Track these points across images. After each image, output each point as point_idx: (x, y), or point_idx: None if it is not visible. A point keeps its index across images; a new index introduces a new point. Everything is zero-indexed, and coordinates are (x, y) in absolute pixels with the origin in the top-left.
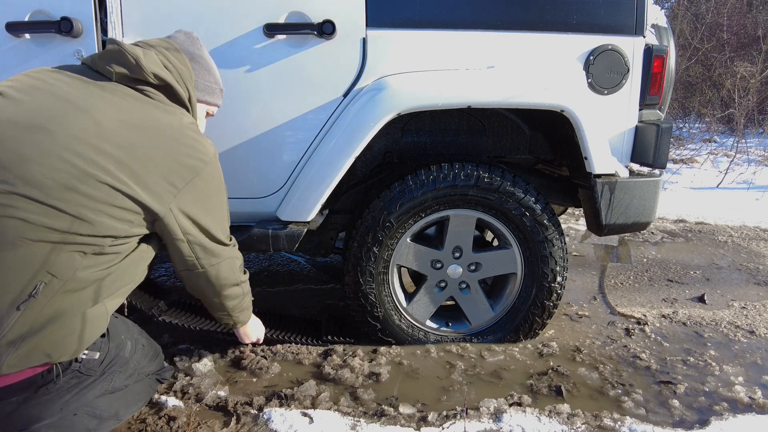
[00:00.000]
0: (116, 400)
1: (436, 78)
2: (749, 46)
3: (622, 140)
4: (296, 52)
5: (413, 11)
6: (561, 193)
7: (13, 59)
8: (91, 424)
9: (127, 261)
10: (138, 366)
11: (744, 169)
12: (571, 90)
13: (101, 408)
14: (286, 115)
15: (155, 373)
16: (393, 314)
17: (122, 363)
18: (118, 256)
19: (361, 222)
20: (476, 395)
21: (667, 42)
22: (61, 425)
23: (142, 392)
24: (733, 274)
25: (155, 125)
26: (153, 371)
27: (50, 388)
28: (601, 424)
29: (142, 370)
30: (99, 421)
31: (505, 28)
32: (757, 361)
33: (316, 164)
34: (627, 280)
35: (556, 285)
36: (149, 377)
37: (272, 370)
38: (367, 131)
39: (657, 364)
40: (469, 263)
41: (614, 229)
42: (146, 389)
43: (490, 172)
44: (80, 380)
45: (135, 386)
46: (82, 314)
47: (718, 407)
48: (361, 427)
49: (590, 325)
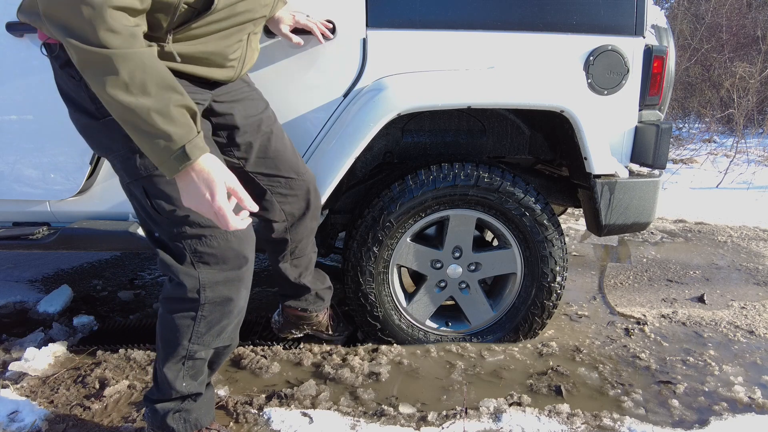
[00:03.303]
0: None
1: (436, 78)
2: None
3: (622, 140)
4: (296, 52)
5: (413, 11)
6: (561, 193)
7: (13, 59)
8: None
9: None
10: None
11: (743, 169)
12: (571, 90)
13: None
14: (286, 115)
15: None
16: (393, 314)
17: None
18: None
19: (361, 222)
20: (476, 395)
21: (667, 42)
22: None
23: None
24: (732, 274)
25: None
26: None
27: None
28: (600, 423)
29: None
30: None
31: (505, 28)
32: (756, 361)
33: (317, 164)
34: (626, 280)
35: (556, 285)
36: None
37: (272, 369)
38: (367, 131)
39: (656, 364)
40: (468, 263)
41: (614, 229)
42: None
43: (490, 172)
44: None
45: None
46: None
47: (718, 407)
48: (360, 426)
49: (590, 324)
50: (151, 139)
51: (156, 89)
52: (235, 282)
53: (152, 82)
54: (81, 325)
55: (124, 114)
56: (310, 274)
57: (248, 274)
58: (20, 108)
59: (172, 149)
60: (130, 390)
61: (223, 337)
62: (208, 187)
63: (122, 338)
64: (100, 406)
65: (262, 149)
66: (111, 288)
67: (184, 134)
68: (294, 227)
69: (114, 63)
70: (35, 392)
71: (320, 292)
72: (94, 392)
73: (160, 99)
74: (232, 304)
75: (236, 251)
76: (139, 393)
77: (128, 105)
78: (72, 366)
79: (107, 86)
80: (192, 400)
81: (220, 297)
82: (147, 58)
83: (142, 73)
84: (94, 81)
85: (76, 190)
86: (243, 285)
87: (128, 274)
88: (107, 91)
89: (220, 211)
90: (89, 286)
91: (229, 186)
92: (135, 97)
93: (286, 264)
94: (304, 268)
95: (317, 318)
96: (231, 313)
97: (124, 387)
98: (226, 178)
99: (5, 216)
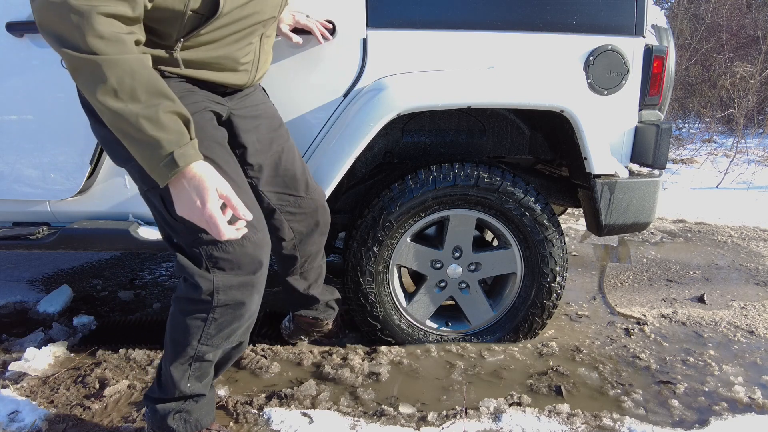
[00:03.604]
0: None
1: (436, 78)
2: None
3: (622, 140)
4: (296, 52)
5: (413, 11)
6: (561, 193)
7: (14, 59)
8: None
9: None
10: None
11: (743, 170)
12: (570, 90)
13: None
14: (286, 115)
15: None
16: (393, 314)
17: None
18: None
19: (361, 222)
20: (476, 395)
21: (667, 42)
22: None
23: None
24: (732, 274)
25: None
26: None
27: None
28: (600, 424)
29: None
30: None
31: (505, 28)
32: (756, 361)
33: (317, 164)
34: (626, 280)
35: (556, 285)
36: None
37: (272, 369)
38: (367, 131)
39: (656, 364)
40: (468, 263)
41: (614, 229)
42: None
43: (490, 172)
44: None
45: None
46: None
47: (718, 407)
48: (360, 426)
49: (590, 325)
50: (140, 145)
51: (145, 95)
52: (248, 287)
53: (141, 89)
54: (81, 325)
55: (115, 120)
56: (319, 286)
57: (262, 279)
58: (20, 108)
59: (162, 156)
60: (130, 390)
61: (233, 339)
62: (199, 195)
63: (122, 337)
64: (100, 406)
65: (273, 167)
66: (111, 288)
67: (174, 141)
68: (303, 243)
69: (102, 69)
70: (35, 392)
71: (330, 302)
72: (94, 392)
73: (149, 105)
74: (244, 308)
75: (251, 256)
76: (139, 393)
77: (117, 111)
78: (72, 366)
79: (97, 93)
80: (194, 401)
81: (233, 300)
82: (136, 64)
83: (131, 80)
84: (85, 88)
85: (76, 190)
86: (256, 290)
87: (128, 274)
88: (97, 98)
89: (212, 219)
90: (89, 286)
91: (222, 193)
92: (124, 103)
93: (295, 277)
94: (313, 280)
95: (328, 326)
96: (242, 316)
97: (124, 387)
98: (218, 185)
99: (5, 216)
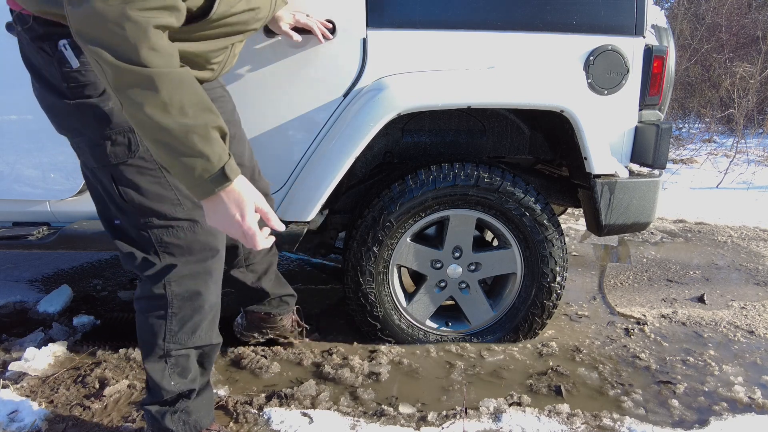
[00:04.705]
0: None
1: (436, 78)
2: (748, 46)
3: (622, 140)
4: (296, 51)
5: (414, 11)
6: (561, 193)
7: (14, 59)
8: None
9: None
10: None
11: (743, 170)
12: (570, 90)
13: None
14: (286, 114)
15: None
16: (393, 314)
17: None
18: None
19: (361, 222)
20: (476, 395)
21: (667, 42)
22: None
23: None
24: (732, 274)
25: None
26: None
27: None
28: (600, 423)
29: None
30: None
31: (505, 28)
32: (756, 361)
33: (317, 164)
34: (626, 280)
35: (556, 285)
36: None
37: (272, 369)
38: (367, 131)
39: (656, 364)
40: (468, 263)
41: (614, 229)
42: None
43: (490, 172)
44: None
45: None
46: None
47: (718, 407)
48: (360, 426)
49: (590, 325)
50: (187, 160)
51: (194, 110)
52: (202, 275)
53: (190, 103)
54: (81, 325)
55: (160, 135)
56: (270, 280)
57: (216, 267)
58: (20, 108)
59: (211, 171)
60: (130, 390)
61: (199, 335)
62: (239, 208)
63: (122, 335)
64: (100, 406)
65: None
66: (111, 288)
67: (222, 155)
68: None
69: (155, 82)
70: (35, 392)
71: (284, 297)
72: (94, 392)
73: (199, 120)
74: (201, 298)
75: (202, 243)
76: (139, 393)
77: (166, 126)
78: (72, 366)
79: (146, 106)
80: (186, 399)
81: (187, 291)
82: (185, 77)
83: (181, 93)
84: (130, 101)
85: (76, 190)
86: (211, 279)
87: (128, 274)
88: (145, 111)
89: (250, 231)
90: (89, 286)
91: (258, 206)
92: (174, 117)
93: (240, 269)
94: (262, 273)
95: (281, 322)
96: (202, 308)
97: (124, 387)
98: (255, 199)
99: (5, 216)
